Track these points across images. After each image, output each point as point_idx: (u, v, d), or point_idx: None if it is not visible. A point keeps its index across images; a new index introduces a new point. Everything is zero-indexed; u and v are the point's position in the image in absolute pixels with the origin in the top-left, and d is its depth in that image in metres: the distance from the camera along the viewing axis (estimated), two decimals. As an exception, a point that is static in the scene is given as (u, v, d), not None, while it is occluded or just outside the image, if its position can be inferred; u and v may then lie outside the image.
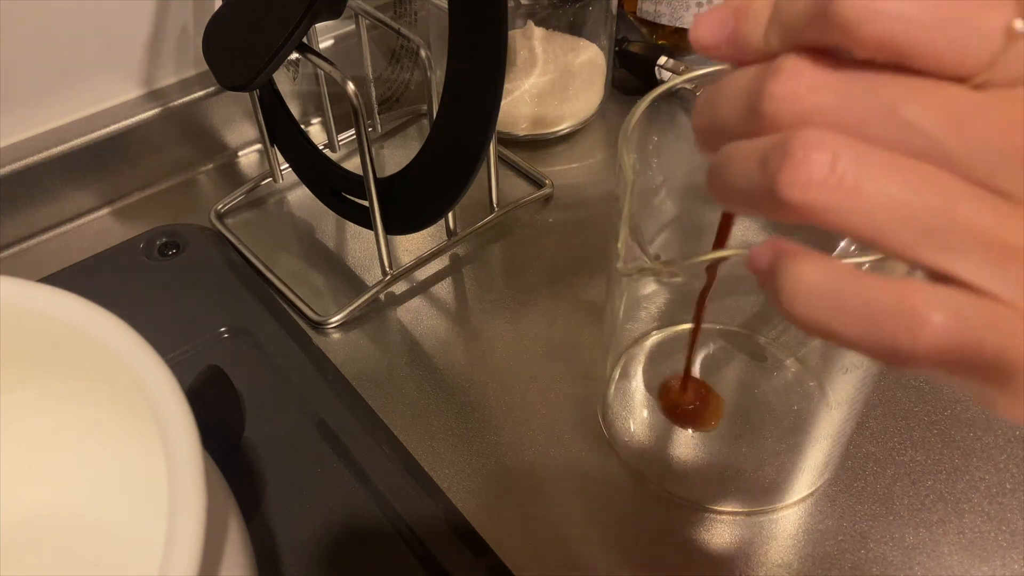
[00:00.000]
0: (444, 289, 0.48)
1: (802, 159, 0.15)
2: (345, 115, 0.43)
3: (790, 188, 0.15)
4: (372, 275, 0.48)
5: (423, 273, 0.48)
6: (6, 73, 0.48)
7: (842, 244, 0.34)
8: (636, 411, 0.39)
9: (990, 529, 0.35)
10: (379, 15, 0.45)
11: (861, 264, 0.27)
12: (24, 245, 0.52)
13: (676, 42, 0.60)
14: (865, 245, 0.15)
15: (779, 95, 0.16)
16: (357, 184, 0.44)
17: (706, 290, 0.30)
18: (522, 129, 0.55)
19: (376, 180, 0.42)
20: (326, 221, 0.52)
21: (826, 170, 0.15)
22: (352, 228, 0.51)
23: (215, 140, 0.56)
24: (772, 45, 0.17)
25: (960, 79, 0.15)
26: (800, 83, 0.16)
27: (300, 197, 0.53)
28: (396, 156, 0.57)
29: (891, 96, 0.15)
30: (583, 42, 0.55)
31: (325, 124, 0.54)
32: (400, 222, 0.44)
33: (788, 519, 0.36)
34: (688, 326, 0.33)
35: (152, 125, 0.53)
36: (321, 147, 0.50)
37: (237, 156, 0.57)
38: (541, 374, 0.42)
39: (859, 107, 0.16)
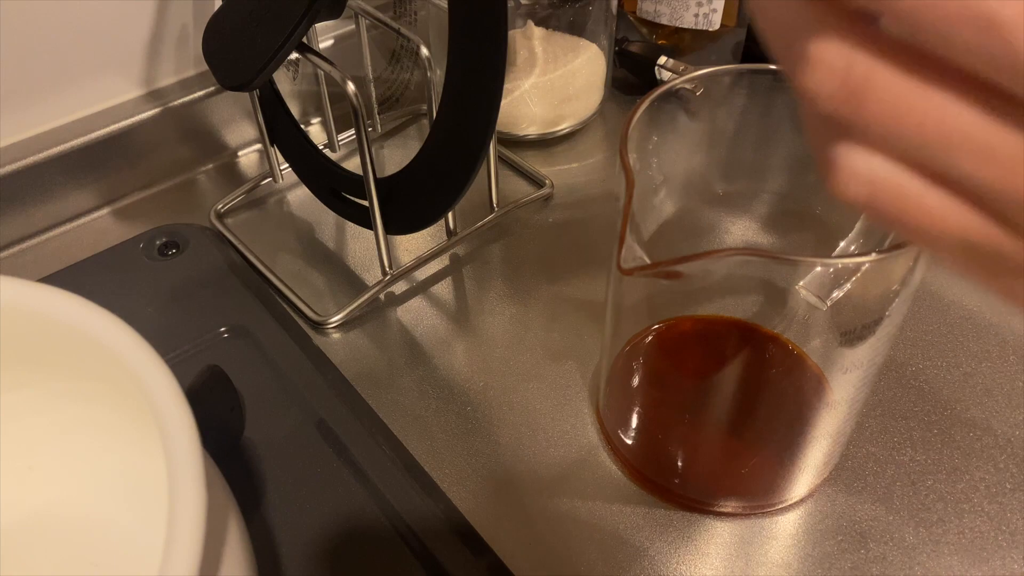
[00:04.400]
0: (444, 289, 0.48)
1: None
2: (345, 115, 0.43)
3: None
4: (372, 275, 0.48)
5: (423, 273, 0.48)
6: (6, 73, 0.48)
7: (841, 244, 0.34)
8: (636, 410, 0.39)
9: (990, 529, 0.35)
10: (379, 15, 0.45)
11: (860, 264, 0.27)
12: (24, 245, 0.52)
13: (676, 42, 0.60)
14: None
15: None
16: (357, 184, 0.44)
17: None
18: (522, 129, 0.55)
19: (376, 180, 0.42)
20: (326, 221, 0.52)
21: None
22: (352, 228, 0.51)
23: (215, 140, 0.56)
24: None
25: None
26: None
27: (300, 197, 0.53)
28: (396, 156, 0.57)
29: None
30: (583, 42, 0.55)
31: (325, 124, 0.54)
32: (400, 222, 0.44)
33: (788, 519, 0.36)
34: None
35: (152, 125, 0.53)
36: (321, 147, 0.50)
37: (237, 156, 0.57)
38: (541, 374, 0.42)
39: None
